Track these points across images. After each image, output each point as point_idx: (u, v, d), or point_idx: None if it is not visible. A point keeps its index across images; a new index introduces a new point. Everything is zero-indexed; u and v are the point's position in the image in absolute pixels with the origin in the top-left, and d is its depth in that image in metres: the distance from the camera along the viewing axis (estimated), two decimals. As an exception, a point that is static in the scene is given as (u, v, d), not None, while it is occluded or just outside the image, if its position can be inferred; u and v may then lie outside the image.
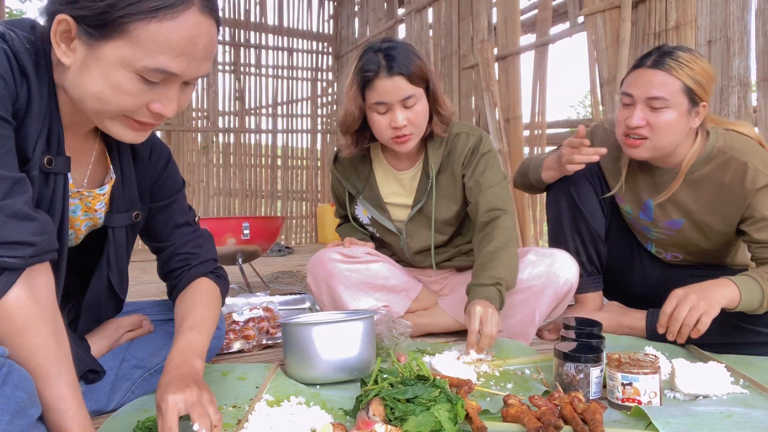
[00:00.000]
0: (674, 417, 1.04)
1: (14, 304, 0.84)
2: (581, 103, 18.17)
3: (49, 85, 0.95)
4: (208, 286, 1.25)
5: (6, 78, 0.87)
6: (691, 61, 1.52)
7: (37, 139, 0.93)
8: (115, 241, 1.17)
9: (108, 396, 1.21)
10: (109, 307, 1.26)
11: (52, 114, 0.95)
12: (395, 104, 1.64)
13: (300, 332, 1.31)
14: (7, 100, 0.87)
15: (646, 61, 1.56)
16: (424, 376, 1.11)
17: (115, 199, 1.15)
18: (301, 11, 7.35)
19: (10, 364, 0.78)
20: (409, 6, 5.45)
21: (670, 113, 1.52)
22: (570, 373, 1.23)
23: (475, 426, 1.02)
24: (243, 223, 3.02)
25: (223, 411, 1.12)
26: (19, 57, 0.90)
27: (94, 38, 0.87)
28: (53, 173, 0.97)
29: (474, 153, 1.79)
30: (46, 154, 0.95)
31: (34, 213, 0.87)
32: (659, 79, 1.51)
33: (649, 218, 1.75)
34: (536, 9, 4.08)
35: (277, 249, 5.57)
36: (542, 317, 1.74)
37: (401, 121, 1.64)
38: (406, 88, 1.63)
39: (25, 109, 0.91)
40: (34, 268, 0.87)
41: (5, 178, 0.85)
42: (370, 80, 1.64)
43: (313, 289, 1.84)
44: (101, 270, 1.18)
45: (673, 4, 2.77)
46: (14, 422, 0.74)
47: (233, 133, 7.00)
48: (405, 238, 1.89)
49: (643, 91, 1.53)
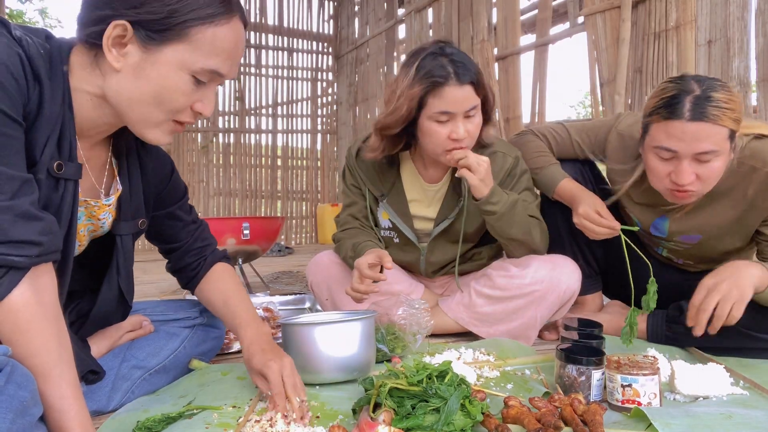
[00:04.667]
0: (674, 418, 1.04)
1: (19, 303, 0.85)
2: (581, 103, 18.17)
3: (64, 92, 0.96)
4: (228, 269, 1.39)
5: (19, 80, 0.88)
6: (729, 101, 1.37)
7: (45, 143, 0.94)
8: (123, 248, 1.20)
9: (108, 396, 1.22)
10: (117, 314, 1.27)
11: (65, 120, 0.97)
12: (459, 114, 1.55)
13: (300, 332, 1.31)
14: (18, 102, 0.88)
15: (681, 110, 1.37)
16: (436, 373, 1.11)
17: (122, 208, 1.17)
18: (301, 11, 7.35)
19: (13, 363, 0.78)
20: (409, 6, 5.45)
21: (719, 160, 1.40)
22: (571, 375, 1.23)
23: (493, 425, 1.02)
24: (243, 223, 3.02)
25: (223, 411, 1.13)
26: (33, 61, 0.91)
27: (153, 42, 0.92)
28: (63, 179, 0.98)
29: (511, 175, 1.75)
30: (56, 159, 0.96)
31: (40, 213, 0.88)
32: (705, 133, 1.35)
33: (663, 233, 1.71)
34: (536, 9, 4.08)
35: (277, 249, 5.57)
36: (543, 322, 1.74)
37: (463, 133, 1.56)
38: (473, 99, 1.55)
39: (35, 113, 0.92)
40: (39, 268, 0.88)
41: (14, 178, 0.86)
42: (438, 86, 1.53)
43: (315, 290, 1.84)
44: (111, 277, 1.20)
45: (673, 4, 2.77)
46: (17, 421, 0.75)
47: (233, 133, 7.00)
48: (425, 252, 1.85)
49: (689, 146, 1.37)
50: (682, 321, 1.64)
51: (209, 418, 1.09)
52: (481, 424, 1.05)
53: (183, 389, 1.29)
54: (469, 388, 1.09)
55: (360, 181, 1.84)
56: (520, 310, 1.70)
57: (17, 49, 0.89)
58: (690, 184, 1.41)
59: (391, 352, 1.51)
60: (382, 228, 1.88)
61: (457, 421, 1.02)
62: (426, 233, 1.84)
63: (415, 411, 1.03)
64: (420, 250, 1.85)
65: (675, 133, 1.38)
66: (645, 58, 2.94)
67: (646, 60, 2.94)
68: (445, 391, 1.05)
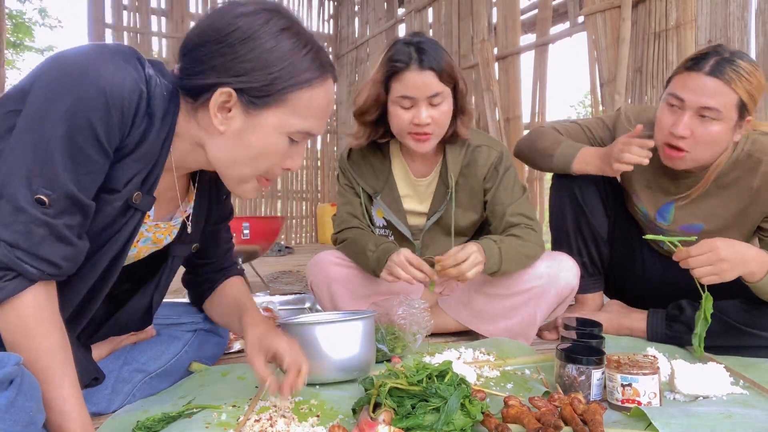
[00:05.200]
0: (674, 418, 1.04)
1: (29, 308, 0.87)
2: (581, 103, 18.19)
3: (168, 132, 0.98)
4: (241, 280, 1.41)
5: (125, 114, 0.90)
6: (751, 73, 1.41)
7: (134, 176, 0.96)
8: (172, 267, 1.23)
9: (108, 399, 1.21)
10: (138, 323, 1.29)
11: (160, 158, 0.99)
12: (421, 100, 1.57)
13: (300, 332, 1.31)
14: (116, 133, 0.90)
15: (703, 65, 1.43)
16: (436, 373, 1.11)
17: (184, 233, 1.20)
18: (300, 11, 7.35)
19: (23, 373, 0.79)
20: (409, 6, 5.45)
21: (718, 126, 1.43)
22: (571, 374, 1.23)
23: (493, 424, 1.02)
24: (243, 223, 3.01)
25: (223, 410, 1.12)
26: (153, 102, 0.94)
27: (255, 107, 0.95)
28: (134, 208, 1.00)
29: (497, 168, 1.75)
30: (137, 191, 0.98)
31: (72, 238, 0.90)
32: (716, 89, 1.41)
33: (665, 221, 1.73)
34: (536, 9, 4.08)
35: (277, 249, 5.57)
36: (543, 318, 1.74)
37: (425, 118, 1.57)
38: (435, 85, 1.56)
39: (133, 148, 0.94)
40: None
41: (73, 198, 0.88)
42: (398, 71, 1.56)
43: (315, 290, 1.84)
44: (148, 289, 1.22)
45: (673, 4, 2.77)
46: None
47: (233, 133, 6.99)
48: (420, 248, 1.86)
49: (697, 98, 1.43)
50: (682, 320, 1.65)
51: (209, 417, 1.09)
52: (481, 423, 1.05)
53: (183, 390, 1.29)
54: (469, 387, 1.09)
55: (353, 181, 1.84)
56: (520, 307, 1.71)
57: (143, 87, 0.91)
58: (683, 140, 1.47)
59: (391, 351, 1.51)
60: (377, 227, 1.88)
61: (457, 420, 1.02)
62: (419, 229, 1.85)
63: (415, 410, 1.03)
64: (415, 246, 1.85)
65: (689, 83, 1.45)
66: (645, 58, 2.94)
67: (646, 60, 2.94)
68: (445, 391, 1.05)
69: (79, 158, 0.87)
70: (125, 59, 0.91)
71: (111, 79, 0.87)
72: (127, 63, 0.90)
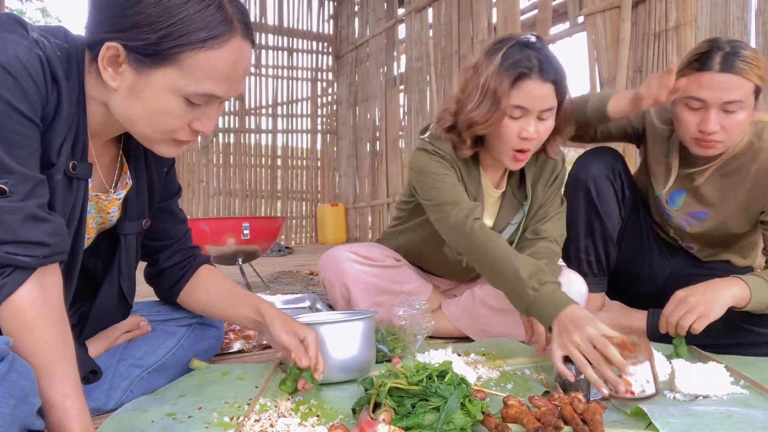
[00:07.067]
0: (674, 417, 1.04)
1: (25, 302, 0.86)
2: (581, 103, 18.16)
3: (79, 94, 0.96)
4: (218, 270, 1.40)
5: (38, 82, 0.88)
6: (755, 59, 1.49)
7: (62, 144, 0.95)
8: (127, 247, 1.21)
9: (106, 395, 1.22)
10: (118, 313, 1.28)
11: (79, 121, 0.97)
12: (533, 113, 1.47)
13: (300, 332, 1.31)
14: (37, 103, 0.89)
15: (711, 63, 1.48)
16: (436, 373, 1.11)
17: (128, 207, 1.18)
18: (301, 11, 7.36)
19: (14, 354, 0.80)
20: (409, 6, 5.45)
21: (743, 113, 1.50)
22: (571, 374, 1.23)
23: (493, 424, 1.02)
24: (243, 223, 3.02)
25: (222, 410, 1.13)
26: (51, 63, 0.91)
27: (144, 65, 0.90)
28: (76, 178, 0.99)
29: (558, 180, 1.71)
30: (71, 160, 0.97)
31: (48, 215, 0.90)
32: (733, 83, 1.47)
33: (675, 206, 1.75)
34: (536, 9, 4.08)
35: (277, 249, 5.57)
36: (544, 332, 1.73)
37: (533, 132, 1.47)
38: (551, 99, 1.47)
39: (53, 115, 0.93)
40: (45, 268, 0.90)
41: (29, 178, 0.87)
42: (520, 78, 1.43)
43: (326, 286, 1.82)
44: (112, 276, 1.21)
45: (673, 4, 2.78)
46: (18, 408, 0.76)
47: (233, 133, 7.00)
48: None
49: (718, 96, 1.48)
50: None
51: (209, 417, 1.09)
52: (481, 423, 1.05)
53: (182, 389, 1.29)
54: (469, 387, 1.09)
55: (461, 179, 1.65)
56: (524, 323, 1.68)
57: (37, 50, 0.89)
58: (715, 134, 1.51)
59: (391, 352, 1.51)
60: None
61: (456, 420, 1.02)
62: None
63: (415, 410, 1.03)
64: None
65: (705, 83, 1.49)
66: (645, 58, 2.95)
67: (646, 60, 2.94)
68: (445, 391, 1.05)
69: (14, 140, 0.85)
70: (8, 30, 0.88)
71: (4, 53, 0.85)
72: (11, 33, 0.88)
